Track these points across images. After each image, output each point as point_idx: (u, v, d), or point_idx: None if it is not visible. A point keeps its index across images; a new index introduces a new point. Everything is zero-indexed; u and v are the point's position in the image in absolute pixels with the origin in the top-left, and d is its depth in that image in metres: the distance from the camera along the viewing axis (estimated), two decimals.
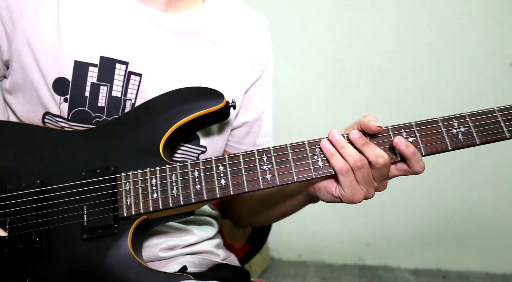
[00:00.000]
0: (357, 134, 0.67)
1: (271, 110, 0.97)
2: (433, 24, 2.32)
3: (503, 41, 2.26)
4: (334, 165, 0.68)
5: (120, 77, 0.78)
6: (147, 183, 0.72)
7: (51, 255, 0.71)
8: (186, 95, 0.77)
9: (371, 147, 0.67)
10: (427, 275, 2.39)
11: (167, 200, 0.71)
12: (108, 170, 0.73)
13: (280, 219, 0.95)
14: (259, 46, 0.92)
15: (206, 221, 0.91)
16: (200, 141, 0.85)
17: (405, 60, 2.36)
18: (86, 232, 0.71)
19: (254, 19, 0.93)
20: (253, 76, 0.91)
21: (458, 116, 0.69)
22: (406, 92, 2.35)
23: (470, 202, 2.36)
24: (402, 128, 0.69)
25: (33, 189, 0.73)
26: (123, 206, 0.71)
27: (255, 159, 0.71)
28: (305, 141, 0.71)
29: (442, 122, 0.69)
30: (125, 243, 0.70)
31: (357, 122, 0.71)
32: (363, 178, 0.67)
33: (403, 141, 0.66)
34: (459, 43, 2.30)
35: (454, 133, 0.68)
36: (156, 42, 0.81)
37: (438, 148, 0.68)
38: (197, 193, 0.71)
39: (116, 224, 0.71)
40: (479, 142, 0.68)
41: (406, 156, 0.66)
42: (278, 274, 2.47)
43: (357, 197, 0.69)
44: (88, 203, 0.72)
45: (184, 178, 0.71)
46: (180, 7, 0.85)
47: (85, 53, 0.77)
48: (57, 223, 0.72)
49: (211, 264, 0.87)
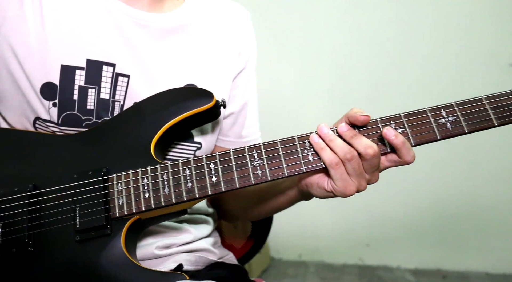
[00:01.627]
0: (345, 127, 0.68)
1: (256, 101, 0.97)
2: (433, 24, 2.32)
3: (503, 41, 2.26)
4: (324, 158, 0.68)
5: (107, 79, 0.79)
6: (138, 182, 0.72)
7: (45, 258, 0.71)
8: (176, 96, 0.78)
9: (360, 138, 0.67)
10: (427, 275, 2.39)
11: (159, 199, 0.71)
12: (100, 171, 0.73)
13: (272, 214, 0.95)
14: (241, 37, 0.92)
15: (202, 220, 0.91)
16: (194, 137, 0.86)
17: (405, 61, 2.36)
18: (79, 233, 0.71)
19: (236, 12, 0.94)
20: (238, 67, 0.92)
21: (446, 105, 0.70)
22: (406, 92, 2.35)
23: (470, 202, 2.36)
24: (391, 119, 0.70)
25: (25, 193, 0.73)
26: (115, 206, 0.71)
27: (245, 155, 0.71)
28: (294, 135, 0.71)
29: (430, 112, 0.69)
30: (118, 244, 0.70)
31: (344, 116, 0.71)
32: (353, 170, 0.67)
33: (392, 131, 0.66)
34: (459, 43, 2.29)
35: (442, 122, 0.69)
36: (142, 43, 0.81)
37: (427, 138, 0.69)
38: (188, 191, 0.71)
39: (108, 225, 0.71)
40: (467, 130, 0.68)
41: (396, 146, 0.67)
42: (278, 274, 2.47)
43: (349, 190, 0.69)
44: (80, 204, 0.72)
45: (176, 176, 0.72)
46: (164, 6, 0.85)
47: (71, 57, 0.77)
48: (50, 225, 0.72)
49: (208, 262, 0.87)
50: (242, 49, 0.92)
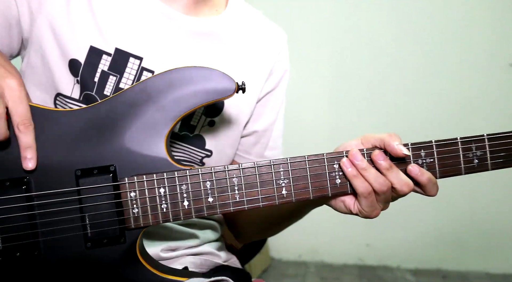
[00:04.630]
0: (382, 157, 0.65)
1: (283, 125, 0.95)
2: (433, 24, 2.32)
3: (503, 41, 2.26)
4: (356, 187, 0.66)
5: (132, 71, 0.78)
6: (155, 193, 0.66)
7: (53, 264, 0.65)
8: (192, 78, 0.69)
9: (396, 172, 0.66)
10: (427, 275, 2.39)
11: (178, 213, 0.66)
12: (107, 170, 0.66)
13: (280, 231, 0.95)
14: (276, 57, 0.91)
15: (209, 225, 0.91)
16: (206, 144, 0.83)
17: (405, 61, 2.36)
18: (90, 241, 0.65)
19: (274, 31, 0.93)
20: (267, 87, 0.90)
21: (477, 139, 0.67)
22: (406, 93, 2.35)
23: (470, 202, 2.36)
24: (422, 148, 0.67)
25: (21, 187, 0.64)
26: (130, 218, 0.65)
27: (272, 172, 0.67)
28: (323, 154, 0.67)
29: (462, 145, 0.67)
30: (133, 250, 0.67)
31: (379, 139, 0.68)
32: (384, 199, 0.67)
33: (417, 168, 0.65)
34: (459, 43, 2.30)
35: (470, 157, 0.67)
36: (172, 41, 0.81)
37: (452, 172, 0.67)
38: (209, 207, 0.66)
39: (123, 236, 0.66)
40: (491, 168, 0.67)
41: (421, 183, 0.66)
42: (278, 274, 2.47)
43: (375, 214, 0.68)
44: (90, 213, 0.65)
45: (196, 190, 0.66)
46: (201, 12, 0.84)
47: (102, 41, 0.77)
48: (58, 234, 0.65)
49: (213, 265, 0.87)
50: (275, 69, 0.90)
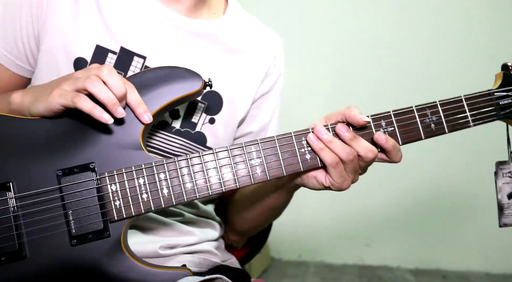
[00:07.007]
0: (345, 129, 0.70)
1: (277, 127, 0.99)
2: (433, 24, 2.32)
3: (503, 41, 2.26)
4: (324, 158, 0.70)
5: (136, 70, 0.81)
6: (134, 183, 0.68)
7: (39, 264, 0.66)
8: (160, 77, 0.73)
9: (360, 141, 0.71)
10: (427, 275, 2.39)
11: (158, 201, 0.69)
12: (87, 168, 0.68)
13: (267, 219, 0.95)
14: (271, 61, 0.94)
15: (209, 224, 0.91)
16: (207, 141, 0.86)
17: (405, 61, 2.36)
18: (75, 238, 0.67)
19: (270, 36, 0.97)
20: (262, 89, 0.94)
21: (431, 105, 0.74)
22: (406, 92, 2.35)
23: (470, 202, 2.36)
24: (382, 118, 0.73)
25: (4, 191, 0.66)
26: (112, 210, 0.68)
27: (244, 154, 0.71)
28: (291, 132, 0.72)
29: (417, 112, 0.74)
30: (118, 244, 0.68)
31: (340, 113, 0.73)
32: (352, 168, 0.71)
33: (383, 136, 0.70)
34: (459, 43, 2.30)
35: (427, 123, 0.74)
36: (174, 42, 0.84)
37: (413, 138, 0.74)
38: (188, 192, 0.69)
39: (107, 229, 0.68)
40: (448, 131, 0.74)
41: (387, 149, 0.71)
42: (278, 274, 2.47)
43: (346, 185, 0.72)
44: (73, 209, 0.67)
45: (174, 177, 0.69)
46: (201, 14, 0.88)
47: (108, 40, 0.80)
48: (40, 233, 0.66)
49: (211, 264, 0.87)
50: (269, 72, 0.94)
